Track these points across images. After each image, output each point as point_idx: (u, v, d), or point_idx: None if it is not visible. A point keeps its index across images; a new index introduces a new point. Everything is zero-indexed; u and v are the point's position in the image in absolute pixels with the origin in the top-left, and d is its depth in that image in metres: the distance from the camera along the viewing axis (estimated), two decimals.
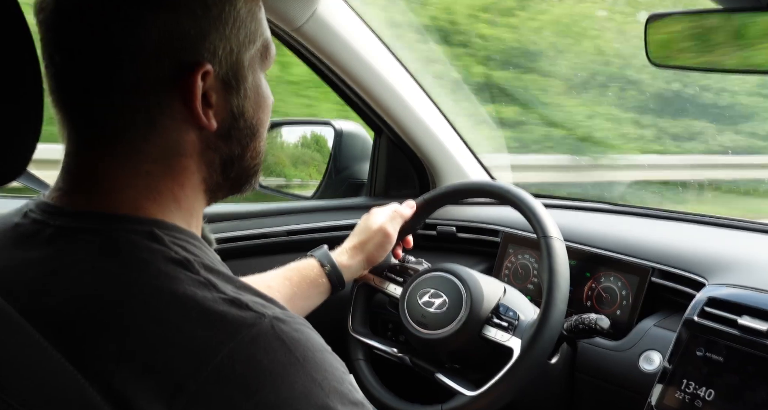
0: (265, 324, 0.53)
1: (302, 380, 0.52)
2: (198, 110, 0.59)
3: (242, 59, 0.62)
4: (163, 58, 0.57)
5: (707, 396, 0.96)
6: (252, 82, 0.64)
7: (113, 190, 0.59)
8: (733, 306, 1.01)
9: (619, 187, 3.98)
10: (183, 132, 0.60)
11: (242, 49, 0.62)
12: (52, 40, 0.58)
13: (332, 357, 0.56)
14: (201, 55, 0.59)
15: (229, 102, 0.62)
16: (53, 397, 0.49)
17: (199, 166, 0.63)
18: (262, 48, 0.65)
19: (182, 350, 0.50)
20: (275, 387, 0.51)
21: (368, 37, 1.42)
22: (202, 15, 0.58)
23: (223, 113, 0.62)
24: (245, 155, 0.66)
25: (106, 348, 0.51)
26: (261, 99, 0.66)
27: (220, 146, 0.63)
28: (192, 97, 0.58)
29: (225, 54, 0.60)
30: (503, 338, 1.04)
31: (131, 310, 0.52)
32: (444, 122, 1.59)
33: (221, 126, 0.62)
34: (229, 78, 0.61)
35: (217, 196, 0.68)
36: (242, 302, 0.54)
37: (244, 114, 0.64)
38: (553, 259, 1.04)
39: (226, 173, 0.66)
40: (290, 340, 0.53)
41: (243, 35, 0.62)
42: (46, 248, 0.57)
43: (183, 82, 0.58)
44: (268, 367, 0.51)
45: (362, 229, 1.17)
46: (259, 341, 0.52)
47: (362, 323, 1.22)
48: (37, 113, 0.53)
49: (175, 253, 0.56)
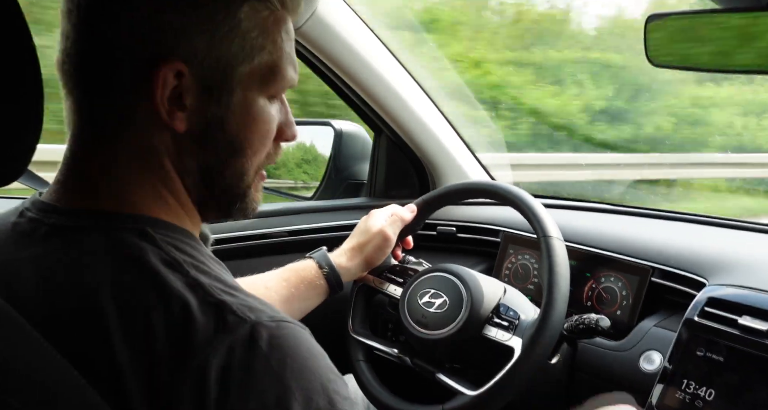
0: (245, 330, 0.52)
1: (276, 389, 0.51)
2: (159, 106, 0.57)
3: (232, 71, 0.59)
4: (139, 49, 0.56)
5: (708, 396, 0.96)
6: (242, 99, 0.61)
7: (107, 187, 0.59)
8: (733, 306, 1.01)
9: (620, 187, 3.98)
10: (154, 130, 0.59)
11: (233, 60, 0.59)
12: (63, 29, 0.59)
13: (317, 365, 0.55)
14: (177, 52, 0.57)
15: (206, 108, 0.60)
16: (53, 396, 0.49)
17: (178, 169, 0.61)
18: (265, 69, 0.62)
19: (163, 353, 0.50)
20: (247, 395, 0.50)
21: (368, 37, 1.42)
22: (187, 12, 0.57)
23: (198, 117, 0.60)
24: (224, 170, 0.63)
25: (99, 348, 0.51)
26: (251, 119, 0.62)
27: (195, 152, 0.61)
28: (154, 92, 0.57)
29: (209, 59, 0.58)
30: (504, 337, 1.04)
31: (120, 311, 0.52)
32: (444, 121, 1.59)
33: (195, 131, 0.60)
34: (210, 85, 0.59)
35: (205, 215, 0.66)
36: (226, 307, 0.53)
37: (223, 125, 0.61)
38: (553, 259, 1.04)
39: (210, 188, 0.64)
40: (268, 347, 0.52)
41: (237, 47, 0.59)
42: (41, 246, 0.57)
43: (151, 77, 0.57)
44: (241, 375, 0.51)
45: (361, 231, 1.17)
46: (235, 348, 0.51)
47: (362, 324, 1.22)
48: (37, 113, 0.53)
49: (166, 253, 0.56)
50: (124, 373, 0.50)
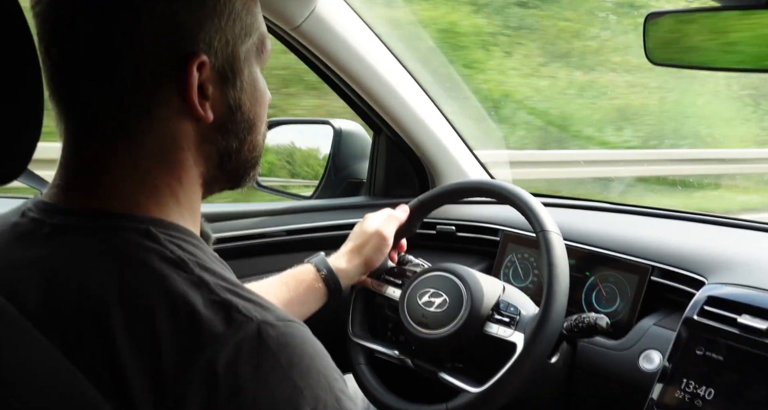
0: (252, 328, 0.52)
1: (284, 387, 0.51)
2: (194, 101, 0.59)
3: (238, 52, 0.62)
4: (160, 49, 0.57)
5: (707, 395, 0.96)
6: (248, 76, 0.64)
7: (110, 186, 0.59)
8: (732, 305, 1.01)
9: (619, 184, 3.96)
10: (180, 124, 0.60)
11: (238, 41, 0.62)
12: (49, 32, 0.58)
13: (323, 364, 0.55)
14: (197, 46, 0.58)
15: (225, 94, 0.62)
16: (54, 396, 0.49)
17: (196, 159, 0.62)
18: (258, 42, 0.65)
19: (169, 351, 0.50)
20: (255, 392, 0.51)
21: (367, 35, 1.42)
22: (198, 6, 0.58)
23: (220, 105, 0.62)
24: (242, 148, 0.66)
25: (102, 348, 0.51)
26: (258, 93, 0.66)
27: (217, 139, 0.63)
28: (188, 89, 0.58)
29: (221, 46, 0.60)
30: (506, 333, 1.04)
31: (124, 311, 0.52)
32: (443, 120, 1.59)
33: (218, 118, 0.62)
34: (225, 70, 0.61)
35: (213, 189, 0.68)
36: (232, 305, 0.54)
37: (241, 107, 0.64)
38: (551, 253, 1.04)
39: (223, 166, 0.65)
40: (276, 345, 0.53)
41: (239, 28, 0.62)
42: (44, 246, 0.57)
43: (179, 74, 0.58)
44: (250, 372, 0.51)
45: (358, 233, 1.17)
46: (243, 346, 0.51)
47: (362, 327, 1.22)
48: (37, 113, 0.53)
49: (171, 252, 0.56)
50: (129, 373, 0.50)
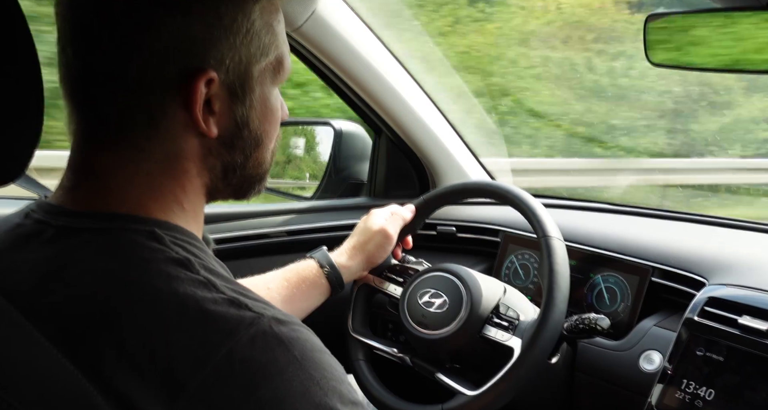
0: (264, 323, 0.53)
1: (300, 378, 0.52)
2: (198, 116, 0.59)
3: (251, 71, 0.62)
4: (170, 60, 0.57)
5: (707, 395, 0.96)
6: (260, 94, 0.64)
7: (115, 188, 0.59)
8: (733, 306, 1.01)
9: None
10: (184, 136, 0.60)
11: (252, 60, 0.61)
12: (66, 31, 0.58)
13: (330, 358, 0.56)
14: (207, 62, 0.58)
15: (233, 111, 0.62)
16: (54, 397, 0.49)
17: (200, 171, 0.63)
18: (275, 62, 0.64)
19: (182, 350, 0.50)
20: (274, 385, 0.51)
21: (368, 37, 1.42)
22: (214, 23, 0.58)
23: (227, 121, 0.62)
24: (247, 164, 0.66)
25: (106, 348, 0.50)
26: (268, 111, 0.65)
27: (222, 153, 0.63)
28: (192, 103, 0.58)
29: (233, 64, 0.60)
30: (503, 337, 1.04)
31: (132, 310, 0.52)
32: (444, 121, 1.59)
33: (224, 134, 0.62)
34: (236, 87, 0.61)
35: (217, 198, 0.68)
36: (241, 302, 0.54)
37: (249, 124, 0.64)
38: (553, 259, 1.04)
39: (228, 180, 0.66)
40: (289, 339, 0.53)
41: (255, 47, 0.61)
42: (48, 248, 0.57)
43: (186, 87, 0.58)
44: (267, 366, 0.51)
45: (362, 230, 1.17)
46: (257, 340, 0.52)
47: (362, 323, 1.22)
48: (37, 113, 0.53)
49: (176, 253, 0.56)
50: (137, 374, 0.49)
